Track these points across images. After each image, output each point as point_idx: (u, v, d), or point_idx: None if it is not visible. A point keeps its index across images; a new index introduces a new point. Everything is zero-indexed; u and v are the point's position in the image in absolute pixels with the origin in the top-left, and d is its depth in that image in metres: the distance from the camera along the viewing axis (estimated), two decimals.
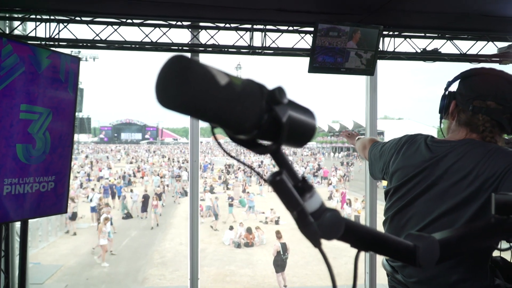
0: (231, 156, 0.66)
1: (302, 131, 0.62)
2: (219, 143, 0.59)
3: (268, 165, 29.38)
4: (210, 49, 3.97)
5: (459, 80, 1.52)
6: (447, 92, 1.54)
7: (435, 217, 1.38)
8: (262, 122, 0.54)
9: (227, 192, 20.49)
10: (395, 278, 1.55)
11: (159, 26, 3.90)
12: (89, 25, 3.78)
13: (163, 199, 16.32)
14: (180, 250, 11.37)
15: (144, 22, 3.88)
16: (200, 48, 3.99)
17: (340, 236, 0.62)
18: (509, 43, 4.20)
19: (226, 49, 3.98)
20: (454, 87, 1.55)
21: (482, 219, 0.88)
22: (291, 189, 0.57)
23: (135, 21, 3.85)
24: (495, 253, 1.75)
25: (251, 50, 3.96)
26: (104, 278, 9.52)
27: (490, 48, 4.39)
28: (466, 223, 1.26)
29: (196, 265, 4.15)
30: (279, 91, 0.54)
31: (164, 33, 3.91)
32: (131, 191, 16.96)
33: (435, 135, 1.60)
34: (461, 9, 3.63)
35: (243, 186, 20.22)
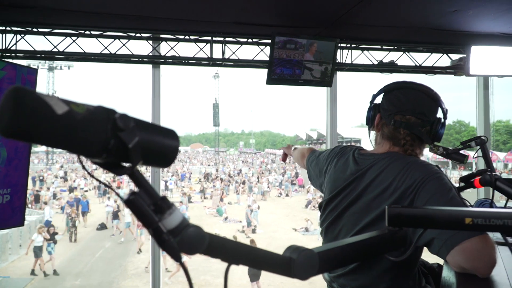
0: (90, 174, 0.69)
1: (159, 152, 0.65)
2: (80, 161, 0.62)
3: (245, 173, 29.38)
4: (170, 60, 3.99)
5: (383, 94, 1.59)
6: (372, 105, 1.59)
7: (360, 229, 1.42)
8: (110, 146, 0.57)
9: (204, 202, 20.38)
10: (332, 287, 1.60)
11: (119, 37, 3.90)
12: (46, 36, 3.76)
13: None
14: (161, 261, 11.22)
15: (103, 33, 3.88)
16: (161, 60, 4.01)
17: (204, 251, 0.66)
18: (462, 55, 4.36)
19: (186, 61, 4.01)
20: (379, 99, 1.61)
21: (378, 230, 0.93)
22: (145, 208, 0.60)
23: (93, 32, 3.85)
24: (433, 260, 1.82)
25: (211, 61, 4.00)
26: None
27: (445, 60, 4.55)
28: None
29: (157, 276, 4.13)
30: (121, 118, 0.57)
31: (124, 45, 3.91)
32: (108, 199, 16.68)
33: None
34: (413, 23, 3.76)
35: (220, 195, 20.13)
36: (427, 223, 0.92)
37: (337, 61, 4.17)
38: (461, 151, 2.18)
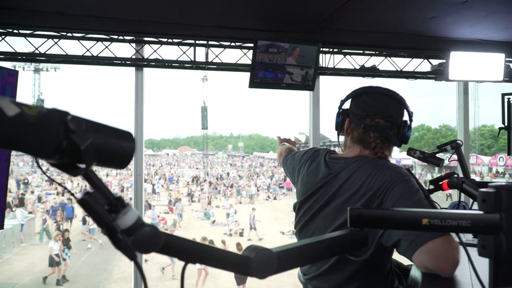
0: (49, 178, 0.71)
1: (114, 154, 0.67)
2: (37, 161, 0.63)
3: (234, 177, 29.36)
4: (154, 63, 4.00)
5: (351, 99, 1.62)
6: (341, 110, 1.62)
7: (332, 231, 1.44)
8: (62, 148, 0.59)
9: (192, 205, 20.30)
10: (308, 285, 1.62)
11: (101, 40, 3.90)
12: (27, 38, 3.74)
13: None
14: (143, 266, 11.10)
15: (86, 36, 3.87)
16: (144, 63, 4.01)
17: (160, 250, 0.67)
18: (441, 60, 4.44)
19: (169, 64, 4.02)
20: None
21: (341, 231, 0.95)
22: (97, 208, 0.62)
23: (75, 34, 3.83)
24: (407, 262, 1.85)
25: (195, 65, 4.02)
26: None
27: (426, 65, 4.64)
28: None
29: (139, 281, 4.11)
30: (73, 120, 0.59)
31: (106, 47, 3.91)
32: None
33: None
34: (393, 29, 3.83)
35: (208, 199, 20.09)
36: (386, 224, 0.94)
37: (319, 66, 4.22)
38: (437, 155, 2.22)
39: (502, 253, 0.81)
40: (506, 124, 4.94)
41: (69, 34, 3.83)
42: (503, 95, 4.98)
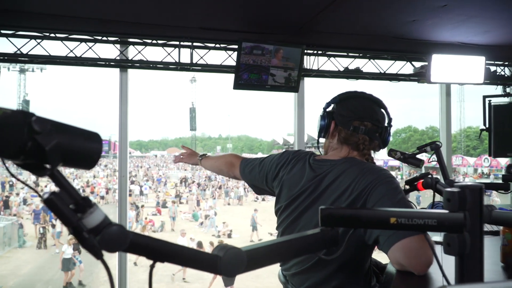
0: (11, 174, 0.71)
1: (80, 155, 0.68)
2: (3, 161, 0.63)
3: (221, 178, 29.27)
4: (138, 64, 3.99)
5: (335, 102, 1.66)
6: (325, 113, 1.65)
7: None
8: (27, 149, 0.60)
9: (180, 206, 20.18)
10: (288, 285, 1.64)
11: (85, 40, 3.87)
12: (9, 38, 3.70)
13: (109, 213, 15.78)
14: (128, 267, 11.03)
15: (69, 36, 3.85)
16: (128, 64, 4.00)
17: (127, 249, 0.68)
18: (424, 63, 4.52)
19: (154, 65, 4.01)
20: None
21: (312, 230, 0.97)
22: (63, 207, 0.63)
23: (58, 35, 3.80)
24: (385, 261, 1.88)
25: (179, 66, 4.02)
26: None
27: (409, 67, 4.71)
28: None
29: (124, 282, 4.10)
30: (37, 121, 0.60)
31: (90, 48, 3.89)
32: None
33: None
34: (376, 31, 3.88)
35: (196, 200, 20.02)
36: (356, 223, 0.97)
37: (304, 67, 4.25)
38: (417, 156, 2.27)
39: (466, 250, 0.84)
40: (487, 125, 5.04)
41: (52, 35, 3.80)
42: (485, 97, 5.08)
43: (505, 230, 1.44)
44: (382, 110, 1.63)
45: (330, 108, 1.67)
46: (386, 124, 1.63)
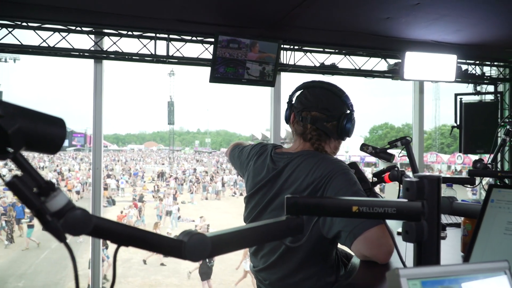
0: None
1: (43, 139, 0.69)
2: None
3: (200, 172, 29.19)
4: (113, 56, 3.94)
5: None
6: (289, 104, 1.67)
7: None
8: None
9: (157, 201, 20.01)
10: (258, 279, 1.67)
11: (58, 30, 3.79)
12: None
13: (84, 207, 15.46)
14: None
15: (42, 25, 3.76)
16: (103, 55, 3.95)
17: (91, 232, 0.69)
18: (398, 60, 4.60)
19: (129, 57, 3.97)
20: None
21: (278, 218, 0.99)
22: (26, 190, 0.63)
23: (31, 24, 3.72)
24: None
25: (155, 58, 3.99)
26: None
27: (384, 64, 4.79)
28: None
29: (97, 276, 4.07)
30: None
31: (64, 38, 3.81)
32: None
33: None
34: (351, 28, 3.93)
35: (174, 195, 19.87)
36: (320, 211, 0.99)
37: (281, 62, 4.28)
38: (388, 150, 2.32)
39: (424, 238, 0.87)
40: (458, 123, 5.19)
41: (24, 24, 3.71)
42: (456, 95, 5.23)
43: (465, 221, 1.50)
44: (337, 99, 1.56)
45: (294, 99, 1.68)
46: (340, 113, 1.54)
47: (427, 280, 0.57)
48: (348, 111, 1.57)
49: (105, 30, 3.97)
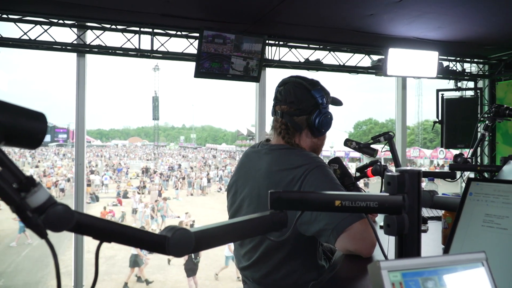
0: None
1: (23, 133, 0.68)
2: None
3: (185, 168, 29.09)
4: (96, 50, 3.88)
5: None
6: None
7: None
8: None
9: (142, 197, 19.88)
10: (243, 278, 1.67)
11: (40, 23, 3.72)
12: None
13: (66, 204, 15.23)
14: (87, 258, 10.80)
15: (23, 18, 3.69)
16: (86, 49, 3.89)
17: (73, 228, 0.68)
18: (381, 56, 4.66)
19: (113, 51, 3.92)
20: None
21: (262, 213, 0.99)
22: (5, 186, 0.62)
23: (11, 16, 3.64)
24: None
25: (139, 53, 3.95)
26: None
27: (367, 60, 4.84)
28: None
29: (80, 273, 4.03)
30: None
31: (45, 31, 3.74)
32: None
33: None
34: (336, 24, 3.96)
35: (159, 191, 19.77)
36: (303, 206, 1.01)
37: (265, 58, 4.28)
38: (372, 146, 2.35)
39: (405, 231, 0.89)
40: (440, 118, 5.27)
41: (5, 16, 3.62)
42: (438, 91, 5.31)
43: (445, 214, 1.53)
44: (307, 92, 1.53)
45: None
46: (309, 107, 1.52)
47: (408, 272, 0.58)
48: (316, 106, 1.53)
49: (88, 24, 3.90)
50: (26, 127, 0.68)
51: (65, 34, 3.98)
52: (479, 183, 1.01)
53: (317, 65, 4.57)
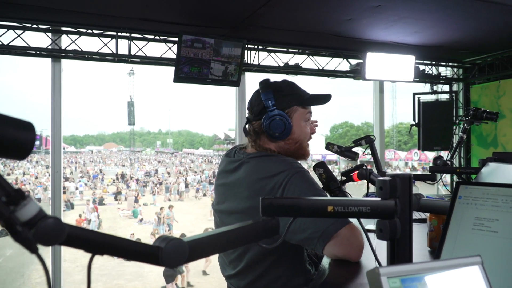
0: None
1: (10, 144, 0.64)
2: None
3: (163, 173, 28.76)
4: (72, 55, 3.80)
5: None
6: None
7: None
8: None
9: (118, 203, 19.57)
10: (228, 284, 1.65)
11: (13, 28, 3.62)
12: None
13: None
14: (63, 267, 10.54)
15: None
16: (61, 54, 3.80)
17: (64, 242, 0.66)
18: (359, 61, 4.72)
19: (89, 56, 3.84)
20: None
21: (254, 220, 0.98)
22: None
23: None
24: None
25: (117, 57, 3.88)
26: None
27: (346, 64, 4.90)
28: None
29: (58, 283, 3.92)
30: None
31: (19, 35, 3.64)
32: None
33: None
34: (314, 29, 3.99)
35: (135, 196, 19.47)
36: (295, 212, 1.00)
37: (245, 62, 4.28)
38: (353, 149, 2.36)
39: (397, 235, 0.89)
40: (416, 121, 5.38)
41: None
42: (414, 94, 5.42)
43: (431, 217, 1.55)
44: (258, 96, 1.50)
45: None
46: (260, 111, 1.48)
47: (407, 278, 0.59)
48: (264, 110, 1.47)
49: (63, 28, 3.81)
50: (15, 137, 0.65)
51: (39, 39, 3.88)
52: (468, 186, 1.03)
53: (296, 69, 4.60)
